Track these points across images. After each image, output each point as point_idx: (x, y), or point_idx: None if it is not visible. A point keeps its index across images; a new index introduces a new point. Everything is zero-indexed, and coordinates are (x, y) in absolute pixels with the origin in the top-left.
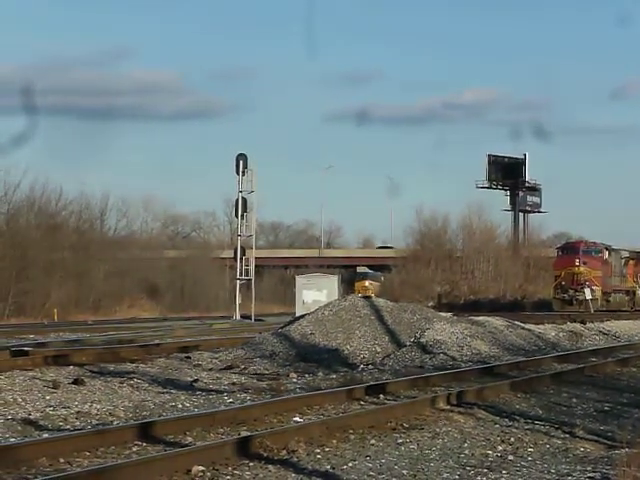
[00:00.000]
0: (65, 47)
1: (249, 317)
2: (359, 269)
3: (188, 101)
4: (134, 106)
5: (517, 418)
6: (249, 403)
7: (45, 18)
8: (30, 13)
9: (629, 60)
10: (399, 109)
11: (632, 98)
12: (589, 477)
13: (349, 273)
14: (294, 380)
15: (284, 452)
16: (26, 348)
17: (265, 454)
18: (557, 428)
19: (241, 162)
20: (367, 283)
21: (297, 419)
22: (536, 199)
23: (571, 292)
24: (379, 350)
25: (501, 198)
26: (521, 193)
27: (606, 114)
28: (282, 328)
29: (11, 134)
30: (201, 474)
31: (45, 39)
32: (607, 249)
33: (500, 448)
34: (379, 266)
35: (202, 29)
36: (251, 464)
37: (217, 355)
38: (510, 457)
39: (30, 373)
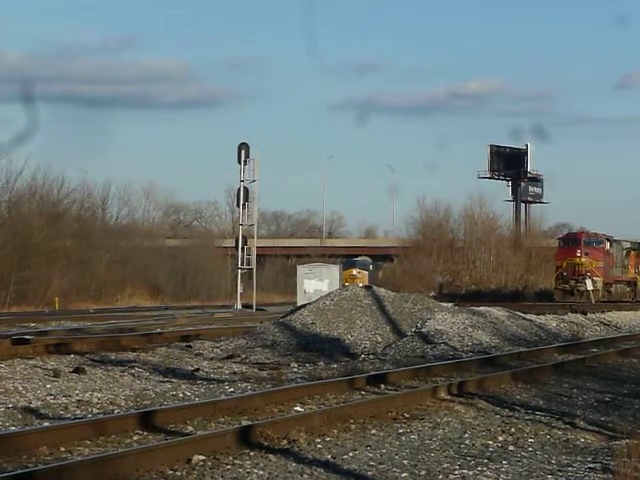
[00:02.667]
0: (71, 35)
1: (250, 306)
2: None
3: (193, 90)
4: (139, 95)
5: (518, 408)
6: (250, 392)
7: (51, 5)
8: (36, 0)
9: (634, 51)
10: (402, 99)
11: (636, 89)
12: (589, 468)
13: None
14: (295, 370)
15: (285, 442)
16: (27, 336)
17: (266, 443)
18: (558, 419)
19: (243, 151)
20: (355, 272)
21: (298, 409)
22: (538, 190)
23: (572, 283)
24: (380, 340)
25: (503, 188)
26: (523, 184)
27: (610, 105)
28: (283, 318)
29: (13, 131)
30: (202, 463)
31: (50, 27)
32: (608, 240)
33: (501, 438)
34: (381, 256)
35: (208, 18)
36: (252, 453)
37: (218, 344)
38: (511, 447)
39: (31, 361)
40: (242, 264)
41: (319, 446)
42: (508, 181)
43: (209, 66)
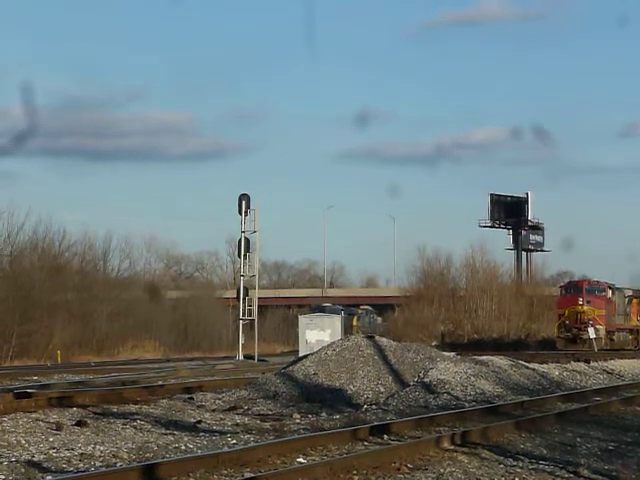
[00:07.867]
0: (75, 88)
1: (252, 357)
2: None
3: (198, 143)
4: (144, 147)
5: (521, 458)
6: (253, 444)
7: (56, 59)
8: (41, 53)
9: (638, 99)
10: (405, 148)
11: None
12: None
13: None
14: (297, 421)
15: None
16: (29, 390)
17: None
18: (562, 468)
19: (244, 202)
20: None
21: (301, 460)
22: (539, 238)
23: (575, 331)
24: (383, 390)
25: (504, 237)
26: (524, 232)
27: (613, 153)
28: (285, 368)
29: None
30: None
31: (56, 80)
32: (610, 288)
33: None
34: (382, 305)
35: (213, 71)
36: None
37: (220, 396)
38: None
39: (33, 415)
40: (243, 315)
41: None
42: (509, 229)
43: (214, 118)
